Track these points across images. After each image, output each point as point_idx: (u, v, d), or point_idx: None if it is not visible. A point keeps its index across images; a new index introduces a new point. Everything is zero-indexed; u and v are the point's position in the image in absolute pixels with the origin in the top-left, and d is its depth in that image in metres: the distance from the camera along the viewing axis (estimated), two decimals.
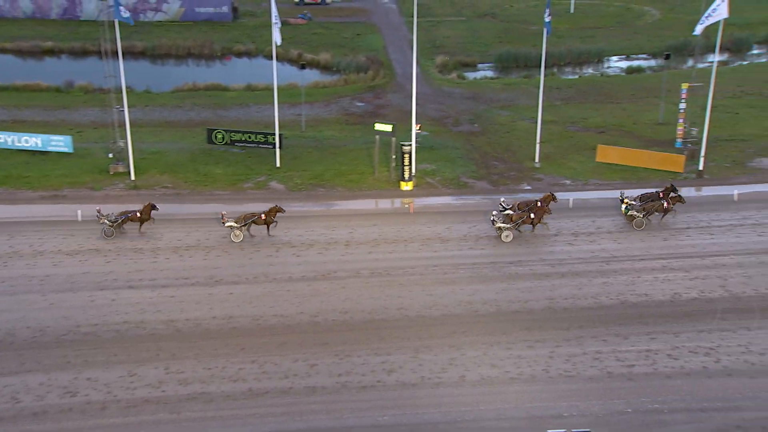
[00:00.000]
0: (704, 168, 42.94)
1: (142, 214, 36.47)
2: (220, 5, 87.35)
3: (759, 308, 29.55)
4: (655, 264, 33.38)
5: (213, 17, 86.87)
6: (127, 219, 36.28)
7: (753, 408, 24.00)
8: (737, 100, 56.89)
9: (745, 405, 24.17)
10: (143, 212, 36.54)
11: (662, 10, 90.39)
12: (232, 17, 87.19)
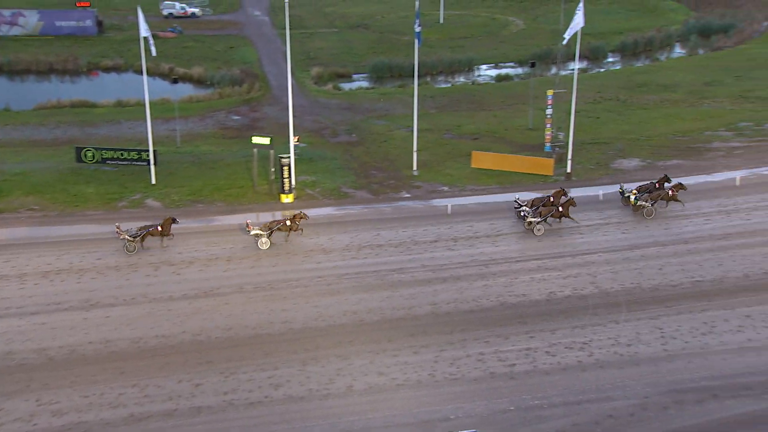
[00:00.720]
0: (572, 170, 45.04)
1: (163, 228, 36.20)
2: (83, 19, 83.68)
3: (625, 302, 31.28)
4: (531, 265, 34.65)
5: (75, 31, 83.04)
6: (147, 233, 35.87)
7: (622, 397, 25.33)
8: (597, 105, 60.19)
9: (615, 395, 25.46)
10: (164, 226, 36.24)
11: (526, 20, 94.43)
12: (96, 31, 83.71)
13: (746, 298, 30.96)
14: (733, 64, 70.88)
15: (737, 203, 40.17)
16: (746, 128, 52.48)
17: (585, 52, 77.31)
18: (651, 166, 46.39)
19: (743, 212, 39.05)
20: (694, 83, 65.02)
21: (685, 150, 48.90)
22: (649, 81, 66.66)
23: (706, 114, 56.42)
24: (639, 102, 60.57)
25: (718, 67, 70.51)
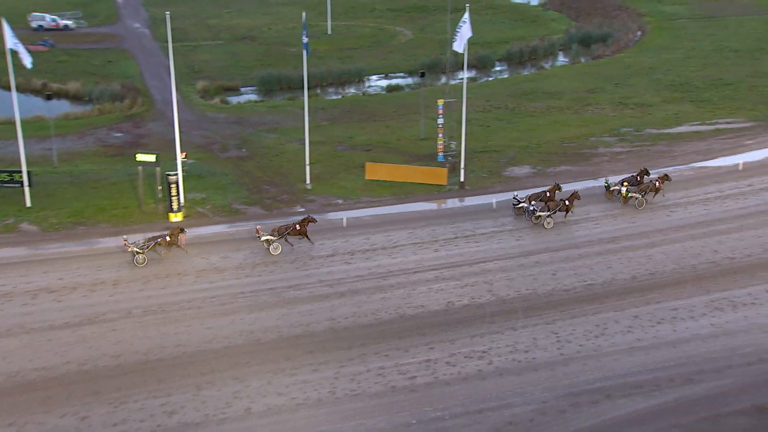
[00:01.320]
0: (465, 179, 46.03)
1: (171, 239, 36.24)
2: None
3: (521, 308, 32.17)
4: (429, 275, 35.10)
5: None
6: (156, 244, 35.86)
7: (522, 403, 25.97)
8: (487, 113, 61.90)
9: (515, 401, 26.07)
10: (172, 236, 36.30)
11: (413, 30, 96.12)
12: None
13: (634, 299, 32.47)
14: (613, 72, 74.64)
15: (622, 207, 42.11)
16: (627, 134, 55.31)
17: (473, 61, 79.37)
18: (542, 173, 48.05)
19: (627, 215, 40.99)
20: (577, 90, 68.00)
21: (572, 156, 50.96)
22: (535, 89, 69.20)
23: (590, 120, 59.07)
24: (527, 110, 62.75)
25: (599, 74, 74.06)
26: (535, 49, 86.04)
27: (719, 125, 56.28)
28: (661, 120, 58.17)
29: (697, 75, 71.40)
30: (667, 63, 76.96)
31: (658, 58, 79.29)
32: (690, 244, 37.12)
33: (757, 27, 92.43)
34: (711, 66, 74.66)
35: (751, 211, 40.62)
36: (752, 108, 60.19)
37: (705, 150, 50.78)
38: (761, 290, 32.50)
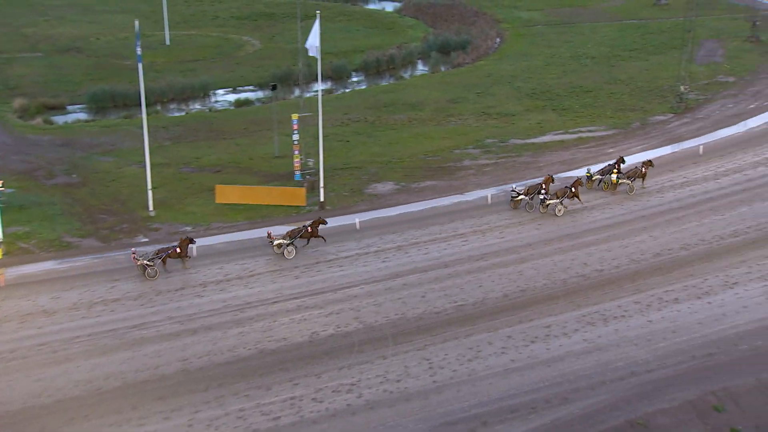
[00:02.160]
0: (325, 199, 46.19)
1: (181, 250, 37.64)
2: None
3: (391, 335, 32.57)
4: (290, 305, 34.86)
5: None
6: (166, 256, 37.32)
7: None
8: (346, 127, 62.55)
9: None
10: (181, 248, 37.70)
11: (262, 40, 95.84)
12: None
13: (507, 318, 33.68)
14: (474, 81, 77.55)
15: (491, 222, 43.70)
16: (492, 145, 57.55)
17: (328, 72, 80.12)
18: (406, 189, 49.04)
19: (497, 230, 42.56)
20: (439, 101, 70.10)
21: (437, 170, 52.37)
22: (395, 100, 70.71)
23: (453, 132, 61.01)
24: (387, 122, 63.95)
25: (460, 83, 76.73)
26: (393, 57, 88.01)
27: (582, 134, 59.70)
28: (525, 129, 60.98)
29: (557, 82, 75.48)
30: (527, 70, 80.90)
31: (518, 66, 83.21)
32: (559, 258, 39.00)
33: (610, 33, 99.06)
34: (570, 73, 79.17)
35: (618, 221, 43.25)
36: (612, 115, 64.31)
37: (569, 159, 53.64)
38: (630, 302, 34.60)
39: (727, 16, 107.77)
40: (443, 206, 43.73)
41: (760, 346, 30.94)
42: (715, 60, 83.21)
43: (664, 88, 71.39)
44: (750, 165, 50.85)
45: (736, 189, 47.09)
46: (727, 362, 30.02)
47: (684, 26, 71.90)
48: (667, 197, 46.35)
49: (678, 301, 34.39)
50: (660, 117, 63.78)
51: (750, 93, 70.03)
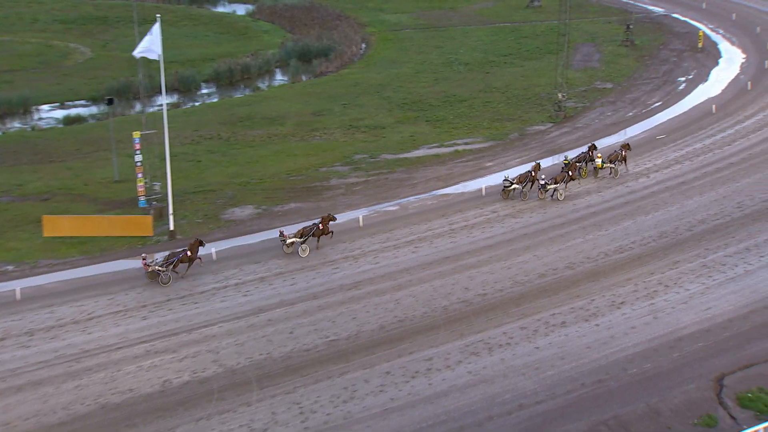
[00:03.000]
0: (175, 227, 45.14)
1: (192, 253, 40.01)
2: None
3: (256, 378, 32.02)
4: (137, 350, 33.73)
5: None
6: (178, 261, 39.46)
7: None
8: (197, 145, 61.52)
9: None
10: (192, 250, 40.07)
11: (93, 47, 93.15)
12: None
13: (384, 352, 33.79)
14: (339, 91, 78.18)
15: (363, 246, 43.93)
16: (362, 161, 58.01)
17: (174, 84, 78.81)
18: (268, 213, 48.62)
19: (370, 255, 42.80)
20: (302, 114, 70.16)
21: (302, 191, 52.23)
22: (252, 114, 70.23)
23: (319, 148, 61.13)
24: (244, 139, 63.38)
25: (324, 94, 77.16)
26: (248, 66, 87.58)
27: (458, 146, 61.13)
28: (397, 143, 61.86)
29: (429, 91, 77.14)
30: (396, 79, 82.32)
31: (386, 74, 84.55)
32: (439, 283, 39.58)
33: (483, 38, 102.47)
34: (443, 81, 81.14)
35: (498, 241, 44.38)
36: (488, 126, 66.25)
37: (446, 175, 54.76)
38: (515, 328, 35.48)
39: (600, 19, 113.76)
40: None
41: (648, 369, 32.34)
42: (592, 65, 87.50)
43: (542, 95, 74.30)
44: (632, 176, 53.47)
45: (620, 202, 49.37)
46: (617, 388, 31.20)
47: (558, 30, 75.17)
48: (549, 213, 48.02)
49: (565, 325, 35.55)
50: (539, 126, 66.24)
51: (628, 100, 73.89)
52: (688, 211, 47.43)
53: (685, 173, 53.97)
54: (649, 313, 36.25)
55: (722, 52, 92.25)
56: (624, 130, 64.14)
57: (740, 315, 35.87)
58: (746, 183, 51.71)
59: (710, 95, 73.89)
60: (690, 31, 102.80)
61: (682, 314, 36.02)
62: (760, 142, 60.19)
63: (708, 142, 60.56)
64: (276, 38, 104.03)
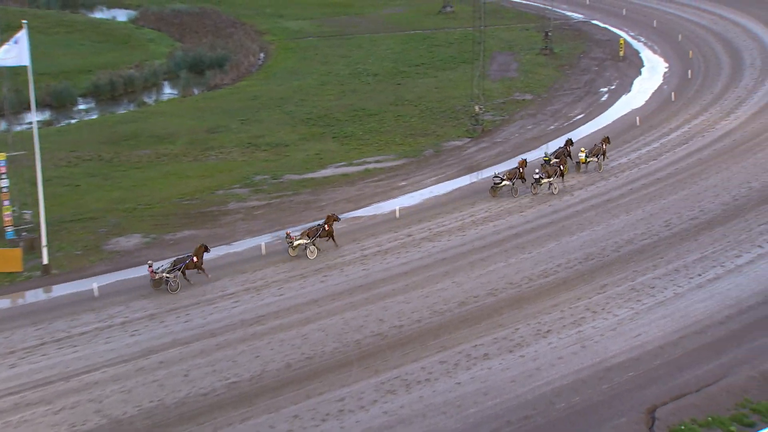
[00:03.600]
0: (50, 261, 44.00)
1: (198, 259, 42.17)
2: None
3: (145, 428, 31.29)
4: (4, 403, 32.69)
5: None
6: (184, 267, 41.57)
7: None
8: (75, 168, 60.17)
9: None
10: (197, 256, 42.24)
11: None
12: None
13: (292, 393, 33.43)
14: (237, 106, 77.68)
15: (266, 276, 43.54)
16: (263, 182, 57.64)
17: (46, 99, 77.03)
18: (158, 242, 47.83)
19: (274, 286, 42.43)
20: (194, 131, 69.39)
21: (196, 216, 51.55)
22: (138, 131, 69.12)
23: (214, 169, 60.50)
24: (129, 160, 62.28)
25: (220, 109, 76.55)
26: (132, 78, 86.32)
27: (369, 164, 61.36)
28: (302, 162, 61.72)
29: (336, 105, 77.35)
30: (300, 91, 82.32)
31: (288, 86, 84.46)
32: (351, 315, 39.45)
33: (393, 46, 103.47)
34: (350, 93, 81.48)
35: (414, 267, 44.56)
36: (401, 142, 66.72)
37: (356, 196, 54.84)
38: (435, 362, 35.56)
39: (517, 25, 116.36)
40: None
41: (577, 402, 32.78)
42: (510, 75, 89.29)
43: (457, 108, 75.29)
44: (555, 194, 54.50)
45: (543, 222, 50.23)
46: (544, 424, 31.48)
47: (473, 37, 76.44)
48: (469, 235, 48.51)
49: (488, 357, 35.82)
50: (455, 142, 67.06)
51: (549, 112, 75.54)
52: (614, 231, 48.56)
53: (611, 190, 55.33)
54: (577, 341, 36.83)
55: (644, 60, 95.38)
56: (545, 144, 65.43)
57: (671, 341, 36.72)
58: (673, 200, 53.24)
59: (634, 107, 76.20)
60: (611, 38, 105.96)
61: (610, 342, 36.71)
62: (685, 156, 62.12)
63: (633, 156, 62.29)
64: (163, 47, 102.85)
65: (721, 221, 49.45)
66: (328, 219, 46.56)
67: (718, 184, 55.64)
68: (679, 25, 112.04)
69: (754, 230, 48.04)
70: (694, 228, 48.76)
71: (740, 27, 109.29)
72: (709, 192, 54.28)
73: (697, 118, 71.67)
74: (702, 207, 51.74)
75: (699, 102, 76.94)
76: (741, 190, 54.40)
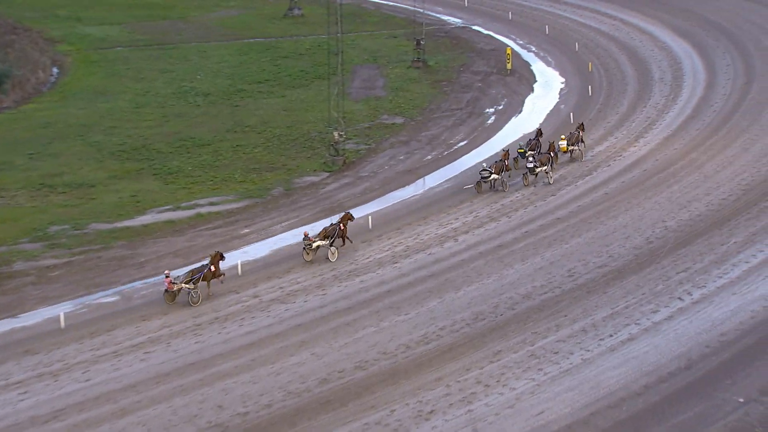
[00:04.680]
0: None
1: (216, 268, 47.79)
2: None
3: None
4: None
5: None
6: (201, 278, 47.10)
7: None
8: None
9: None
10: (215, 264, 47.79)
11: None
12: None
13: None
14: (22, 135, 75.95)
15: (67, 356, 42.47)
16: (61, 234, 56.42)
17: None
18: None
19: (78, 369, 41.39)
20: None
21: None
22: None
23: None
24: None
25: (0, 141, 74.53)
26: None
27: (201, 208, 60.85)
28: (114, 207, 60.69)
29: (157, 133, 76.47)
30: (108, 116, 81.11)
31: (93, 109, 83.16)
32: (181, 402, 38.75)
33: (228, 59, 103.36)
34: (175, 118, 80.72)
35: (262, 336, 44.19)
36: (242, 179, 66.43)
37: (186, 249, 54.24)
38: None
39: (383, 32, 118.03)
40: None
41: None
42: (376, 94, 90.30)
43: (312, 135, 75.68)
44: (435, 240, 55.10)
45: (422, 275, 50.61)
46: None
47: (329, 47, 76.94)
48: (330, 293, 48.48)
49: None
50: (311, 177, 67.26)
51: (425, 139, 76.63)
52: (508, 284, 49.33)
53: (503, 233, 56.32)
54: (467, 423, 37.09)
55: (537, 74, 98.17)
56: (422, 178, 66.24)
57: (580, 419, 37.27)
58: (577, 244, 54.51)
59: (526, 131, 77.83)
60: (496, 47, 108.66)
61: (508, 422, 37.05)
62: (589, 190, 63.93)
63: (528, 191, 63.66)
64: None
65: (634, 269, 50.83)
66: (343, 218, 53.39)
67: (629, 224, 57.33)
68: (576, 32, 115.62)
69: (672, 279, 49.42)
70: (602, 278, 49.92)
71: (646, 34, 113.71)
72: (619, 234, 55.84)
73: (601, 144, 74.02)
74: (611, 252, 53.13)
75: (602, 124, 79.53)
76: (655, 231, 56.06)
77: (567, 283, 49.36)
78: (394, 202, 61.51)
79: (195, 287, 46.87)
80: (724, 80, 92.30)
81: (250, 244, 55.15)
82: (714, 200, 60.67)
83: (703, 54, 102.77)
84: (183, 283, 46.80)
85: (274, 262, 52.76)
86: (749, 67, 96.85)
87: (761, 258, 51.36)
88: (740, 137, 74.35)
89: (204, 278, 47.42)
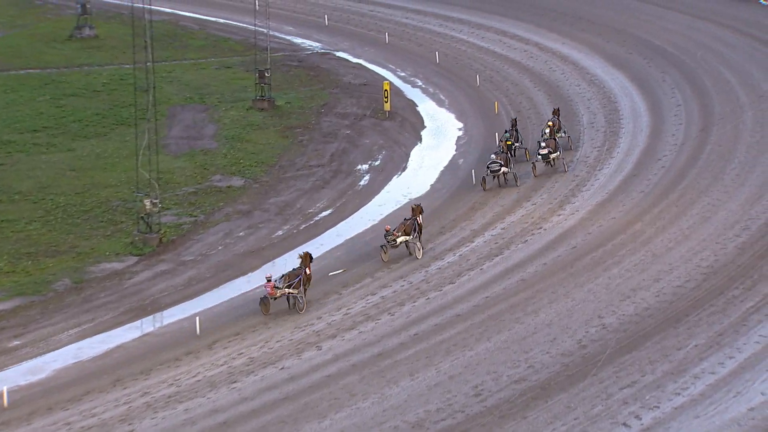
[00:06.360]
0: None
1: (310, 271, 59.74)
2: None
3: None
4: None
5: None
6: (299, 282, 57.71)
7: None
8: None
9: None
10: (308, 267, 59.75)
11: None
12: None
13: None
14: None
15: None
16: None
17: None
18: None
19: None
20: None
21: None
22: None
23: None
24: None
25: None
26: None
27: None
28: None
29: None
30: None
31: None
32: None
33: (24, 93, 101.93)
34: None
35: None
36: (11, 268, 65.85)
37: None
38: None
39: (212, 60, 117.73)
40: None
41: None
42: (204, 145, 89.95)
43: (114, 205, 75.19)
44: (290, 348, 54.67)
45: (271, 399, 49.65)
46: None
47: (135, 81, 76.12)
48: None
49: None
50: (112, 264, 66.63)
51: (274, 208, 76.62)
52: (392, 408, 49.07)
53: (383, 337, 56.20)
54: None
55: (425, 118, 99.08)
56: (271, 261, 65.93)
57: None
58: (485, 350, 54.29)
59: (412, 196, 78.27)
60: (369, 81, 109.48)
61: None
62: (500, 275, 64.16)
63: (416, 279, 63.82)
64: None
65: (563, 384, 50.67)
66: (414, 211, 66.16)
67: (554, 322, 57.36)
68: (477, 60, 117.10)
69: (614, 397, 49.13)
70: (520, 397, 49.81)
71: (570, 63, 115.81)
72: (541, 335, 55.88)
73: (515, 213, 74.55)
74: (531, 361, 53.08)
75: (516, 185, 79.53)
76: (590, 331, 56.04)
77: (472, 405, 49.07)
78: (232, 297, 61.19)
79: (301, 291, 57.39)
80: (673, 125, 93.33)
81: (22, 361, 54.09)
82: (666, 288, 60.79)
83: (645, 90, 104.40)
84: (287, 288, 57.10)
85: (58, 387, 51.85)
86: (705, 107, 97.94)
87: (731, 367, 50.95)
88: (697, 202, 74.54)
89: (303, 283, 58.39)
